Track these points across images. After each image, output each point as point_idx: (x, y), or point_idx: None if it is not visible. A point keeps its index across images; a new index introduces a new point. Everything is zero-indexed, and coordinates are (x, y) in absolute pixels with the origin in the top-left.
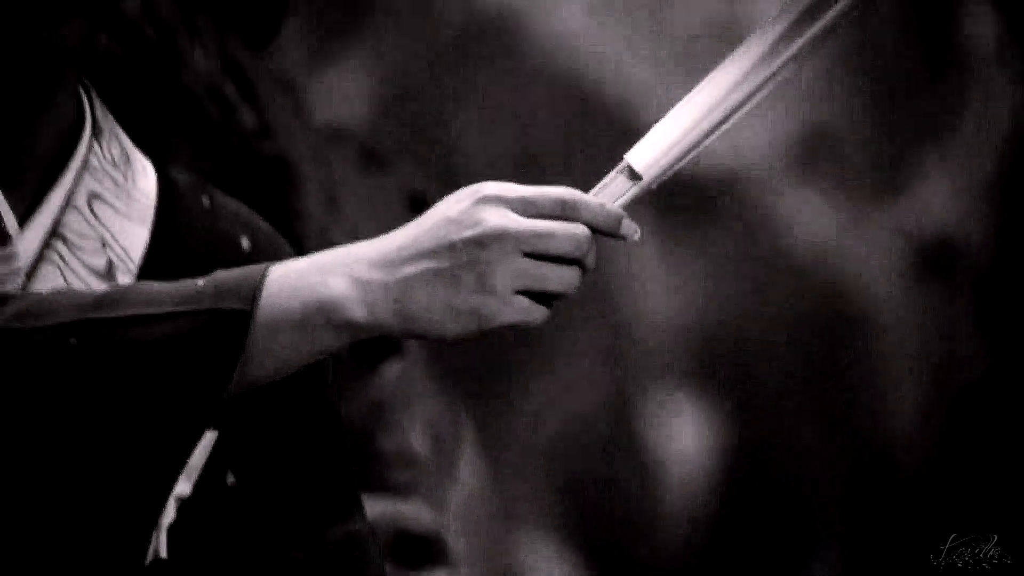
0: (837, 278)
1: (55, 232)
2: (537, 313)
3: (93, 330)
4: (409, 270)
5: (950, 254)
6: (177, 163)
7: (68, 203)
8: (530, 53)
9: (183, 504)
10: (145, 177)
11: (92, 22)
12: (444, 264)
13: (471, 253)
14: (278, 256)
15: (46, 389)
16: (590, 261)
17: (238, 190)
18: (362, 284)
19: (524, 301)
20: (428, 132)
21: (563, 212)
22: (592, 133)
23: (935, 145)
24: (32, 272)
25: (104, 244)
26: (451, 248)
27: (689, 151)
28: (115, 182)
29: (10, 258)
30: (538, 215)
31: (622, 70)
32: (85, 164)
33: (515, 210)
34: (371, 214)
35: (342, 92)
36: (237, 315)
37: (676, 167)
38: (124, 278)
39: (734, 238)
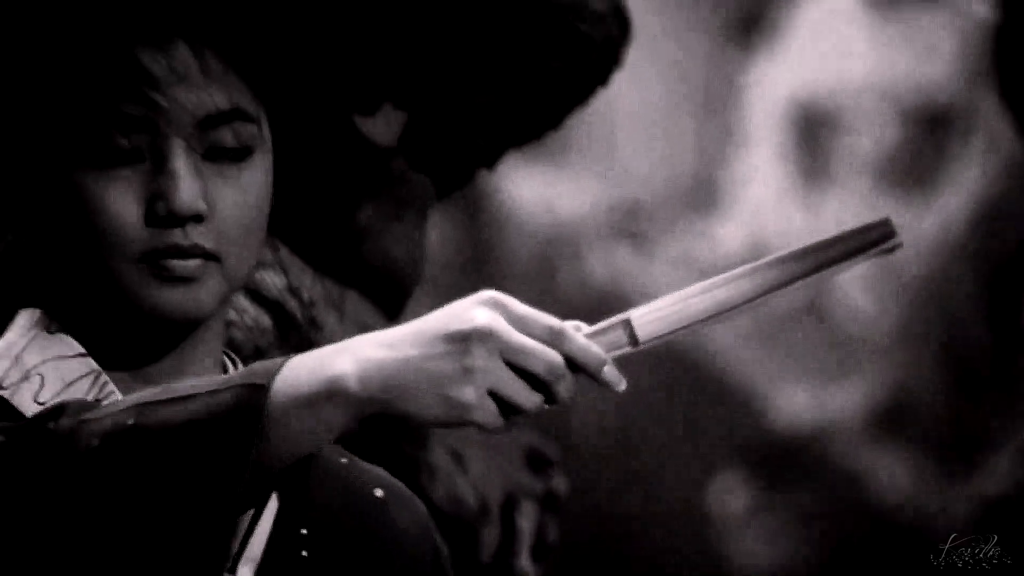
0: (912, 530)
1: None
2: (498, 421)
3: (144, 411)
4: (405, 352)
5: (1015, 514)
6: None
7: None
8: None
9: None
10: None
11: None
12: (433, 351)
13: (458, 346)
14: (409, 506)
15: (109, 463)
16: (562, 391)
17: (373, 446)
18: (362, 362)
19: (492, 404)
20: None
21: (549, 337)
22: (689, 403)
23: (1004, 416)
24: None
25: None
26: (442, 339)
27: (686, 332)
28: None
29: None
30: (526, 333)
31: (710, 344)
32: None
33: (508, 320)
34: (495, 470)
35: None
36: (256, 388)
37: (667, 340)
38: (266, 514)
39: (819, 491)
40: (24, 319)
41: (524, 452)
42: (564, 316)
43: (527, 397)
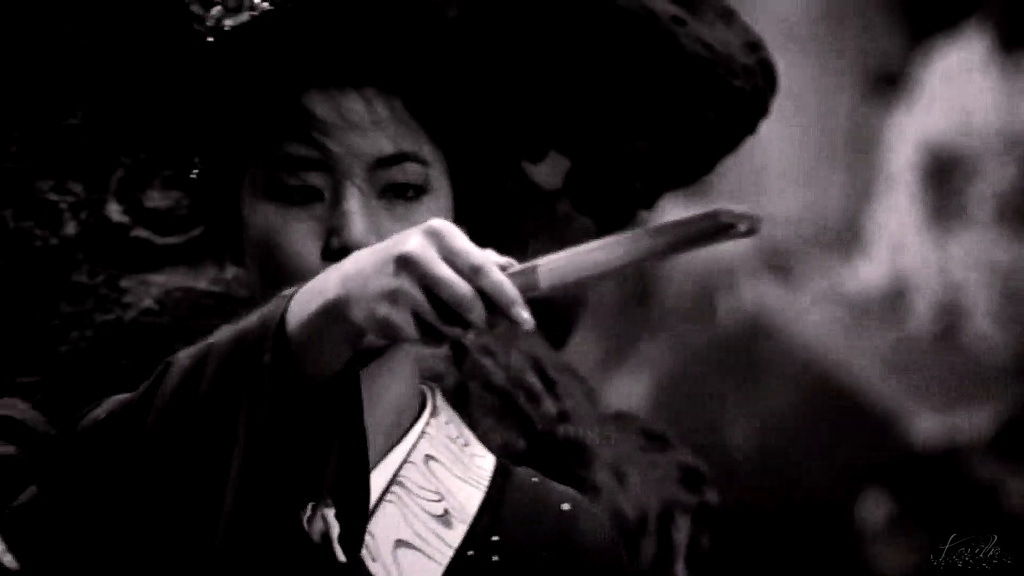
0: None
1: (395, 480)
2: (417, 338)
3: (218, 332)
4: (361, 267)
5: None
6: (490, 445)
7: (406, 459)
8: (778, 357)
9: None
10: (483, 458)
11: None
12: (374, 270)
13: (390, 267)
14: (594, 520)
15: (192, 375)
16: (474, 320)
17: (542, 466)
18: (339, 274)
19: (412, 324)
20: (696, 418)
21: (468, 272)
22: (831, 424)
23: None
24: (375, 509)
25: (441, 496)
26: (383, 259)
27: (578, 283)
28: (451, 452)
29: None
30: (451, 265)
31: (850, 371)
32: (422, 433)
33: (440, 250)
34: (652, 486)
35: (626, 385)
36: (282, 298)
37: (564, 288)
38: (460, 525)
39: (953, 505)
40: None
41: (678, 469)
42: (720, 345)
43: (442, 323)
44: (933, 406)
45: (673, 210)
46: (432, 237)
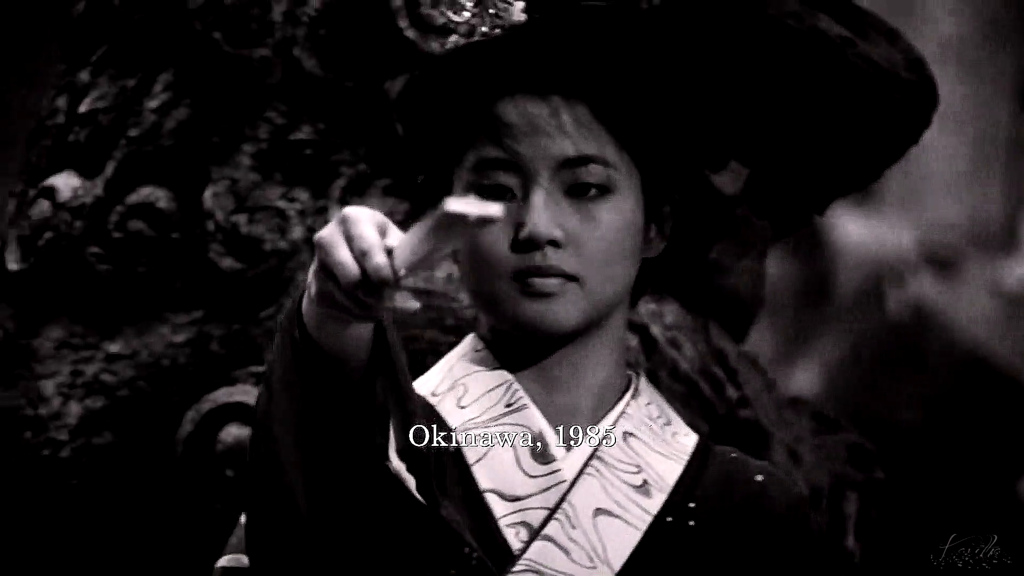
0: None
1: (595, 455)
2: (350, 316)
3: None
4: None
5: None
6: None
7: (607, 436)
8: (941, 346)
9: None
10: (686, 437)
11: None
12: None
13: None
14: (786, 490)
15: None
16: (364, 296)
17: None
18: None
19: (331, 299)
20: (865, 403)
21: (358, 255)
22: (988, 404)
23: None
24: (575, 482)
25: (640, 468)
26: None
27: (422, 261)
28: (652, 430)
29: (556, 472)
30: (350, 247)
31: (1005, 358)
32: (622, 413)
33: (344, 234)
34: (824, 464)
35: (801, 373)
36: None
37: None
38: (659, 494)
39: None
40: (465, 342)
41: (848, 448)
42: (888, 335)
43: (343, 300)
44: None
45: (845, 214)
46: (340, 223)
